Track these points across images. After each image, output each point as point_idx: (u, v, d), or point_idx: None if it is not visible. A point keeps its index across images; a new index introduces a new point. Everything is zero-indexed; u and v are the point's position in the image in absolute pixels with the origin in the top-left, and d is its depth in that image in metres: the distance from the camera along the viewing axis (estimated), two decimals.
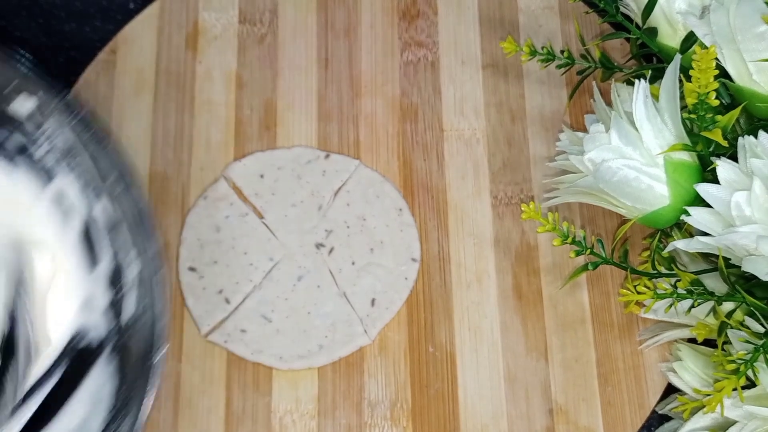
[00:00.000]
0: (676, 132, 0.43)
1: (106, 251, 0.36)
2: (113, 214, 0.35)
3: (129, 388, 0.32)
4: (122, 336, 0.34)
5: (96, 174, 0.35)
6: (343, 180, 0.52)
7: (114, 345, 0.35)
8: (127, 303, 0.35)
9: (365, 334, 0.49)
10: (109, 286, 0.35)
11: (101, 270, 0.36)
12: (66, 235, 0.36)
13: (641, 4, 0.47)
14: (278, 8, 0.56)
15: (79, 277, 0.35)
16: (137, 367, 0.33)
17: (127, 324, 0.34)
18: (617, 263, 0.45)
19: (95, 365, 0.34)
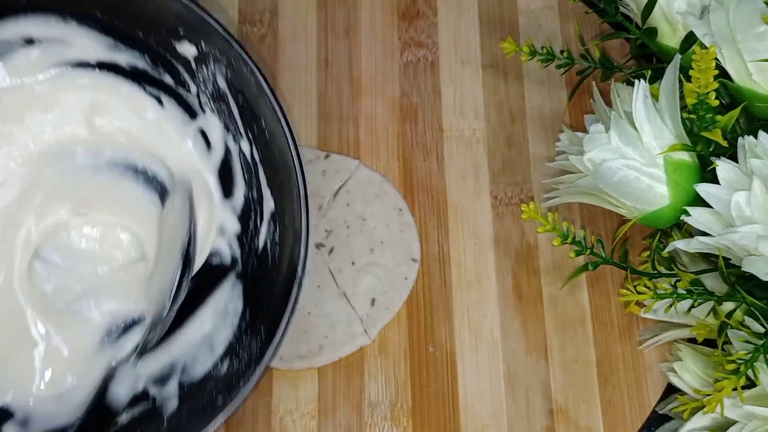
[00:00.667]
0: (676, 132, 0.43)
1: (240, 187, 0.40)
2: (252, 155, 0.39)
3: (254, 314, 0.36)
4: (248, 264, 0.38)
5: (240, 120, 0.39)
6: (343, 180, 0.52)
7: (240, 271, 0.38)
8: (259, 236, 0.39)
9: (365, 334, 0.49)
10: (241, 217, 0.40)
11: (236, 202, 0.40)
12: (206, 168, 0.40)
13: (641, 4, 0.47)
14: (278, 8, 0.56)
15: (217, 199, 0.40)
16: (265, 296, 0.36)
17: (255, 254, 0.38)
18: (617, 263, 0.45)
19: (222, 285, 0.38)
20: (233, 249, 0.40)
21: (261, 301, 0.38)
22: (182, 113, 0.42)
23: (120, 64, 0.40)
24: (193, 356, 0.37)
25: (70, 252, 0.37)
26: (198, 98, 0.41)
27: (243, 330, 0.38)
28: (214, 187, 0.41)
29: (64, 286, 0.37)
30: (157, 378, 0.37)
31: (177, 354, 0.37)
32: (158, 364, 0.36)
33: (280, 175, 0.38)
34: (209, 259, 0.40)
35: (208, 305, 0.38)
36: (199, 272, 0.39)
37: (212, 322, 0.37)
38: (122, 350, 0.36)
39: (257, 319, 0.37)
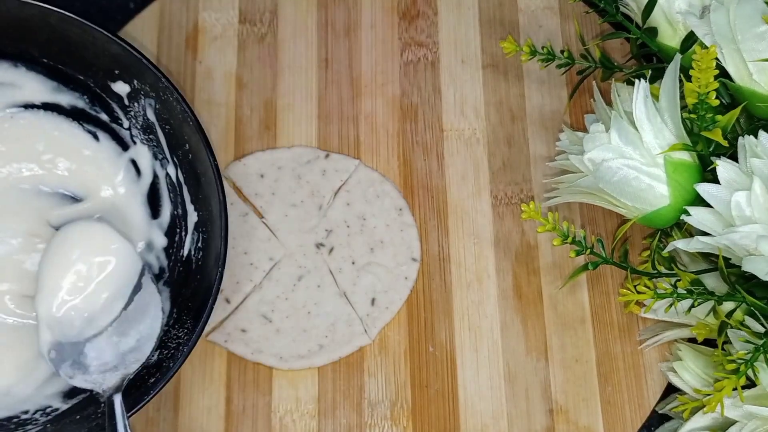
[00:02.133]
0: (676, 132, 0.43)
1: (167, 206, 0.46)
2: (177, 177, 0.45)
3: (181, 310, 0.41)
4: (174, 271, 0.44)
5: (166, 147, 0.45)
6: (343, 180, 0.52)
7: (167, 278, 0.44)
8: (184, 247, 0.45)
9: (365, 333, 0.49)
10: (167, 233, 0.46)
11: (163, 220, 0.46)
12: (135, 193, 0.46)
13: (641, 4, 0.47)
14: (278, 8, 0.56)
15: (144, 225, 0.45)
16: (191, 294, 0.42)
17: (180, 261, 0.44)
18: (617, 263, 0.45)
19: (151, 295, 0.41)
20: (161, 260, 0.46)
21: (187, 299, 0.42)
22: (115, 146, 0.47)
23: (62, 104, 0.46)
24: (125, 355, 0.40)
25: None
26: (129, 131, 0.46)
27: (171, 325, 0.42)
28: (142, 210, 0.46)
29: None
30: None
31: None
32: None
33: (202, 189, 0.43)
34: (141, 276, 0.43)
35: (135, 312, 0.41)
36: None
37: (142, 323, 0.41)
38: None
39: (183, 314, 0.42)
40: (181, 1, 0.56)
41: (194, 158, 0.44)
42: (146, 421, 0.47)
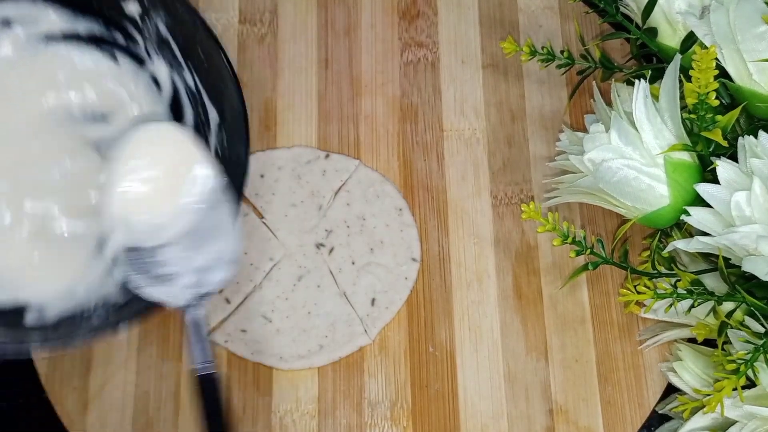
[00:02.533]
0: (676, 132, 0.43)
1: (189, 112, 0.48)
2: (195, 83, 0.47)
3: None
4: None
5: (181, 57, 0.47)
6: (343, 180, 0.52)
7: None
8: (210, 147, 0.46)
9: (365, 333, 0.49)
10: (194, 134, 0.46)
11: (187, 126, 0.47)
12: (158, 105, 0.48)
13: (641, 4, 0.47)
14: (278, 8, 0.56)
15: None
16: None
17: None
18: (617, 263, 0.45)
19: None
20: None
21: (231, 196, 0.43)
22: (134, 65, 0.49)
23: (79, 32, 0.48)
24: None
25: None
26: (145, 49, 0.48)
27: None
28: (167, 120, 0.48)
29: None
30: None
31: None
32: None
33: (219, 89, 0.45)
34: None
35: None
36: None
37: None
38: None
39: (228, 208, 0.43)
40: None
41: (208, 61, 0.45)
42: (146, 421, 0.47)
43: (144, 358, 0.48)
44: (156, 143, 0.40)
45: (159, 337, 0.49)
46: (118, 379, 0.48)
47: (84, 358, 0.48)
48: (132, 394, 0.48)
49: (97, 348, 0.49)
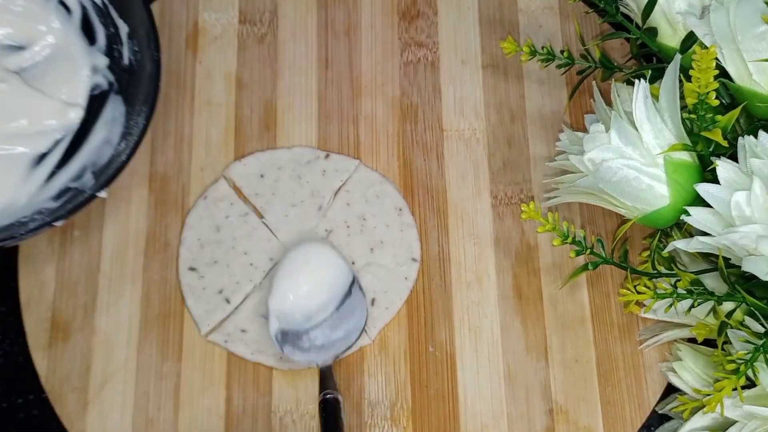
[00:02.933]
0: (676, 132, 0.43)
1: (100, 30, 0.52)
2: (103, 2, 0.51)
3: (134, 104, 0.49)
4: (123, 82, 0.51)
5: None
6: (343, 180, 0.52)
7: (117, 88, 0.51)
8: (123, 57, 0.51)
9: (365, 334, 0.49)
10: (107, 52, 0.52)
11: (100, 43, 0.52)
12: (70, 28, 0.52)
13: (641, 4, 0.47)
14: (278, 8, 0.56)
15: (85, 53, 0.52)
16: (139, 90, 0.49)
17: (124, 71, 0.51)
18: (617, 263, 0.45)
19: (107, 104, 0.51)
20: (108, 77, 0.51)
21: (137, 94, 0.50)
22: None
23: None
24: (98, 155, 0.49)
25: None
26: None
27: (129, 120, 0.49)
28: (80, 41, 0.52)
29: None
30: (74, 177, 0.49)
31: (86, 159, 0.50)
32: (73, 169, 0.49)
33: (125, 3, 0.50)
34: (92, 94, 0.51)
35: (100, 122, 0.50)
36: (87, 105, 0.51)
37: (106, 129, 0.50)
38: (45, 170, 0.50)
39: (137, 104, 0.49)
40: (181, 1, 0.56)
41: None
42: (146, 421, 0.47)
43: (144, 358, 0.48)
44: (307, 257, 0.48)
45: (159, 337, 0.49)
46: (118, 379, 0.48)
47: (84, 358, 0.48)
48: (132, 394, 0.48)
49: (97, 348, 0.49)
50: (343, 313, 0.47)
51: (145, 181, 0.52)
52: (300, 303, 0.47)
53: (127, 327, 0.49)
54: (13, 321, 0.49)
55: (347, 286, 0.48)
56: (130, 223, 0.51)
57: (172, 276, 0.50)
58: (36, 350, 0.49)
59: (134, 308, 0.49)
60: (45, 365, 0.48)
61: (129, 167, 0.52)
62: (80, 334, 0.49)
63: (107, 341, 0.49)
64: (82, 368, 0.48)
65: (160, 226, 0.51)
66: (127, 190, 0.52)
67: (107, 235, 0.51)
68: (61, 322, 0.49)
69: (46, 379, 0.48)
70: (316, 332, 0.47)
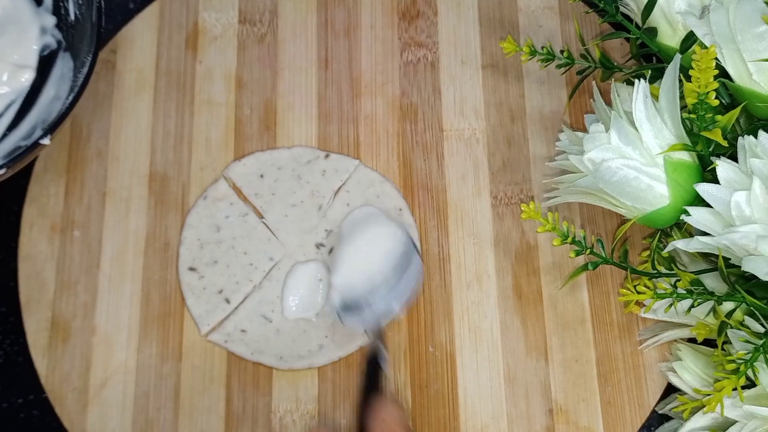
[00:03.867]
0: (676, 132, 0.43)
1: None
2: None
3: (79, 56, 0.50)
4: (69, 38, 0.52)
5: None
6: (343, 180, 0.52)
7: (66, 45, 0.52)
8: (70, 14, 0.52)
9: (365, 333, 0.49)
10: (53, 11, 0.53)
11: (46, 3, 0.53)
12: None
13: (641, 4, 0.47)
14: (278, 8, 0.56)
15: (32, 15, 0.52)
16: (84, 55, 0.50)
17: (71, 27, 0.52)
18: (617, 263, 0.45)
19: (56, 61, 0.52)
20: (56, 36, 0.52)
21: (82, 47, 0.50)
22: None
23: None
24: (48, 111, 0.50)
25: None
26: None
27: (76, 73, 0.50)
28: (27, 4, 0.52)
29: None
30: (24, 136, 0.50)
31: (36, 117, 0.50)
32: (24, 129, 0.50)
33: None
34: (42, 53, 0.52)
35: (50, 80, 0.51)
36: (37, 67, 0.52)
37: (55, 87, 0.51)
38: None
39: (81, 57, 0.50)
40: (181, 1, 0.56)
41: None
42: (146, 421, 0.47)
43: (144, 358, 0.49)
44: (365, 231, 0.49)
45: (159, 337, 0.49)
46: (118, 379, 0.48)
47: (84, 358, 0.48)
48: (132, 394, 0.48)
49: (97, 348, 0.49)
50: (403, 278, 0.48)
51: (145, 181, 0.52)
52: (361, 275, 0.48)
53: (127, 327, 0.49)
54: (13, 321, 0.49)
55: (405, 250, 0.48)
56: (130, 223, 0.51)
57: (172, 276, 0.50)
58: (36, 350, 0.49)
59: (134, 308, 0.50)
60: (45, 365, 0.48)
61: (129, 167, 0.53)
62: (80, 334, 0.49)
63: (107, 341, 0.49)
64: (82, 368, 0.48)
65: (160, 226, 0.51)
66: (127, 190, 0.52)
67: (107, 235, 0.51)
68: (61, 322, 0.49)
69: (46, 379, 0.48)
70: (376, 299, 0.47)
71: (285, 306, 0.49)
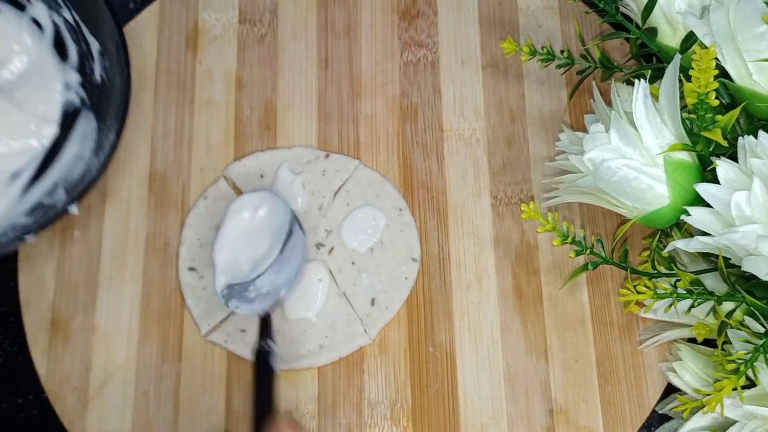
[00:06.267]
0: (676, 132, 0.43)
1: (72, 47, 0.52)
2: (74, 18, 0.51)
3: (104, 119, 0.50)
4: (94, 99, 0.51)
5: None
6: (343, 180, 0.52)
7: (90, 105, 0.51)
8: (95, 74, 0.51)
9: (365, 333, 0.49)
10: (79, 69, 0.52)
11: (72, 60, 0.52)
12: (42, 45, 0.52)
13: (641, 4, 0.47)
14: (278, 8, 0.56)
15: (57, 70, 0.52)
16: (110, 103, 0.49)
17: (95, 87, 0.51)
18: (617, 263, 0.45)
19: (79, 120, 0.51)
20: (80, 94, 0.52)
21: (108, 110, 0.50)
22: (15, 11, 0.52)
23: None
24: (70, 170, 0.50)
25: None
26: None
27: (100, 135, 0.50)
28: (53, 58, 0.52)
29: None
30: (46, 193, 0.49)
31: (58, 174, 0.50)
32: (46, 185, 0.49)
33: (95, 18, 0.50)
34: (65, 111, 0.52)
35: (73, 137, 0.50)
36: (60, 121, 0.52)
37: (78, 145, 0.50)
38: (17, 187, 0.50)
39: (108, 120, 0.49)
40: (181, 1, 0.56)
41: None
42: (146, 422, 0.47)
43: (144, 358, 0.49)
44: (246, 208, 0.48)
45: (159, 337, 0.49)
46: (118, 379, 0.48)
47: (84, 358, 0.48)
48: (132, 394, 0.48)
49: (97, 348, 0.49)
50: (286, 254, 0.47)
51: (145, 181, 0.52)
52: (246, 252, 0.47)
53: (127, 327, 0.49)
54: (13, 321, 0.49)
55: (288, 225, 0.48)
56: (130, 223, 0.51)
57: (172, 276, 0.50)
58: (36, 350, 0.49)
59: (134, 308, 0.50)
60: (45, 365, 0.48)
61: (129, 168, 0.53)
62: (80, 334, 0.49)
63: (107, 341, 0.49)
64: (82, 368, 0.48)
65: (160, 226, 0.51)
66: (127, 190, 0.52)
67: (107, 235, 0.51)
68: (61, 322, 0.49)
69: (46, 379, 0.48)
70: (262, 279, 0.47)
71: (285, 306, 0.49)
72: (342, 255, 0.50)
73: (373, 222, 0.51)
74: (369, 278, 0.50)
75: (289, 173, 0.51)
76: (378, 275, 0.50)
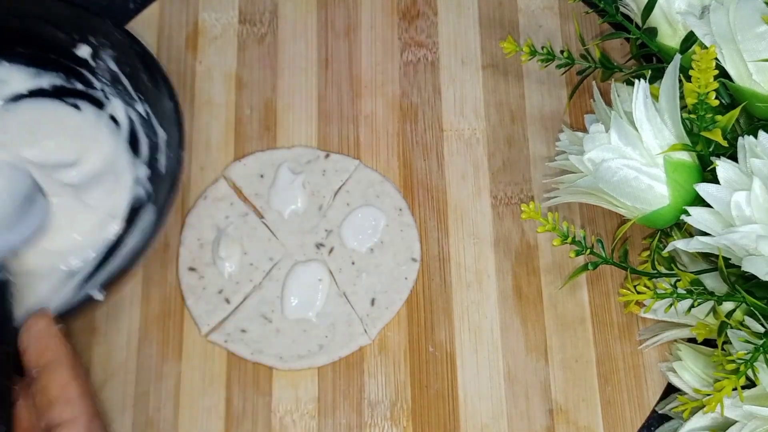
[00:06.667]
0: (676, 132, 0.43)
1: (144, 141, 0.51)
2: (146, 110, 0.50)
3: (160, 222, 0.46)
4: (158, 190, 0.48)
5: (131, 88, 0.50)
6: (343, 180, 0.52)
7: (154, 198, 0.49)
8: (161, 165, 0.49)
9: (365, 334, 0.49)
10: (149, 163, 0.50)
11: (143, 154, 0.51)
12: (118, 141, 0.51)
13: (641, 4, 0.47)
14: (278, 8, 0.56)
15: (130, 166, 0.51)
16: (163, 208, 0.46)
17: (161, 179, 0.49)
18: (617, 263, 0.45)
19: (142, 213, 0.49)
20: (147, 188, 0.50)
21: (165, 199, 0.47)
22: (94, 108, 0.52)
23: (44, 87, 0.52)
24: (123, 263, 0.47)
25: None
26: (102, 91, 0.52)
27: (155, 225, 0.47)
28: (127, 154, 0.51)
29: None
30: (96, 287, 0.45)
31: (112, 269, 0.47)
32: (98, 281, 0.46)
33: (162, 107, 0.49)
34: (132, 206, 0.50)
35: (134, 231, 0.48)
36: (125, 218, 0.50)
37: (137, 238, 0.48)
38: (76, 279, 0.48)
39: (161, 208, 0.47)
40: (181, 1, 0.56)
41: (152, 82, 0.49)
42: (146, 422, 0.47)
43: (144, 358, 0.48)
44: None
45: (159, 337, 0.49)
46: (118, 379, 0.48)
47: (84, 358, 0.48)
48: (132, 394, 0.48)
49: (97, 348, 0.49)
50: (19, 212, 0.47)
51: None
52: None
53: (127, 327, 0.49)
54: None
55: (26, 189, 0.48)
56: None
57: (172, 276, 0.50)
58: None
59: (134, 308, 0.49)
60: None
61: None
62: (80, 334, 0.49)
63: (107, 341, 0.49)
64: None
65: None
66: None
67: None
68: None
69: None
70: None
71: (285, 306, 0.49)
72: (342, 255, 0.50)
73: (373, 222, 0.51)
74: (369, 278, 0.50)
75: (290, 173, 0.51)
76: (378, 275, 0.50)
